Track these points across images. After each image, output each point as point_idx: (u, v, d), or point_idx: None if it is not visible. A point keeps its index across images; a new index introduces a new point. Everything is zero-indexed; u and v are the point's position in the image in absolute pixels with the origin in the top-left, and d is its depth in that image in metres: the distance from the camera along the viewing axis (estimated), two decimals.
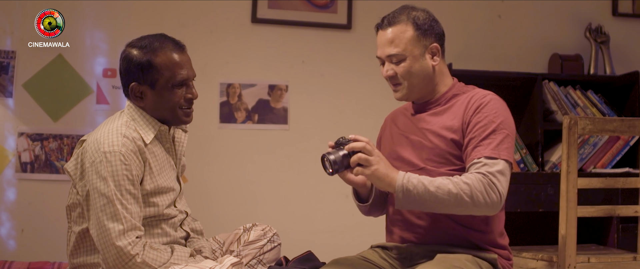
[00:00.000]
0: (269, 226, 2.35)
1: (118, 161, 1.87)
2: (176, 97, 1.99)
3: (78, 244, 2.01)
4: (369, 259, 2.07)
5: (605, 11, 3.93)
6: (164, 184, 2.01)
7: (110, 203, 1.85)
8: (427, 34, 2.03)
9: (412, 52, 2.01)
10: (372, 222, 2.53)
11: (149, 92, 1.98)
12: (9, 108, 3.37)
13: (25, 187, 3.37)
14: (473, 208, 1.86)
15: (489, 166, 1.87)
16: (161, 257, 1.90)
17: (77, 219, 2.01)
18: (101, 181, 1.86)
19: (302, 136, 3.63)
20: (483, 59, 3.77)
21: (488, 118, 1.95)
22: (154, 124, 2.01)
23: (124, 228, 1.84)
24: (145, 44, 1.98)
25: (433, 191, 1.84)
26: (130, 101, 2.03)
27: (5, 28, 3.38)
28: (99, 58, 3.45)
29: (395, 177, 1.86)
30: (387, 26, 2.04)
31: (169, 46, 1.99)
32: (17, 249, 3.35)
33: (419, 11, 2.05)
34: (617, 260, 2.53)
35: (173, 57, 1.97)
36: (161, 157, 2.03)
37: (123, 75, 2.01)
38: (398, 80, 2.04)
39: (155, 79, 1.96)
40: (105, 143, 1.89)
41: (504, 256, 2.04)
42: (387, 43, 2.03)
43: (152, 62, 1.95)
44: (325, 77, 3.67)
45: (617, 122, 2.28)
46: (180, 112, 2.02)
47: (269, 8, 3.60)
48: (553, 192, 3.30)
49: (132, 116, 2.00)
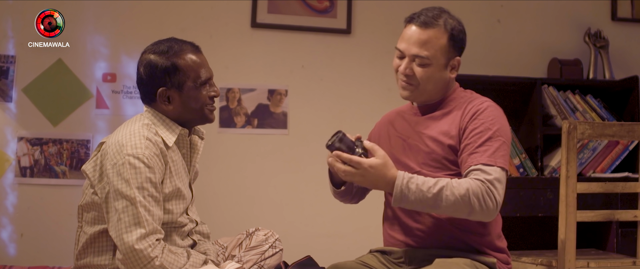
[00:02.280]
0: (271, 231, 2.35)
1: (141, 164, 1.88)
2: (203, 96, 2.04)
3: (87, 245, 2.00)
4: (368, 263, 2.08)
5: (605, 16, 3.94)
6: (179, 187, 2.03)
7: (133, 206, 1.84)
8: (456, 47, 2.03)
9: (439, 61, 2.00)
10: (371, 227, 2.53)
11: (177, 96, 2.01)
12: (9, 113, 3.37)
13: (24, 192, 3.37)
14: (469, 213, 1.86)
15: (486, 173, 1.88)
16: (178, 261, 1.90)
17: (91, 221, 2.00)
18: (124, 183, 1.86)
19: (302, 140, 3.63)
20: (482, 64, 3.77)
21: (484, 125, 1.95)
22: (175, 128, 2.03)
23: (146, 232, 1.84)
24: (165, 49, 2.01)
25: (430, 197, 1.84)
26: (155, 105, 2.04)
27: (6, 32, 3.38)
28: (98, 62, 3.46)
29: (389, 183, 1.86)
30: (424, 26, 1.99)
31: (188, 48, 2.03)
32: (17, 254, 3.34)
33: (454, 20, 2.03)
34: (616, 265, 2.53)
35: (194, 58, 2.02)
36: (178, 161, 2.05)
37: (145, 82, 2.02)
38: (412, 81, 2.03)
39: (182, 81, 2.00)
40: (128, 145, 1.90)
41: (503, 260, 2.04)
42: (419, 43, 1.99)
43: (177, 65, 1.99)
44: (325, 82, 3.67)
45: (617, 127, 2.28)
46: (206, 110, 2.06)
47: (269, 13, 3.61)
48: (552, 197, 3.30)
49: (152, 120, 2.02)
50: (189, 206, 2.13)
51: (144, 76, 2.02)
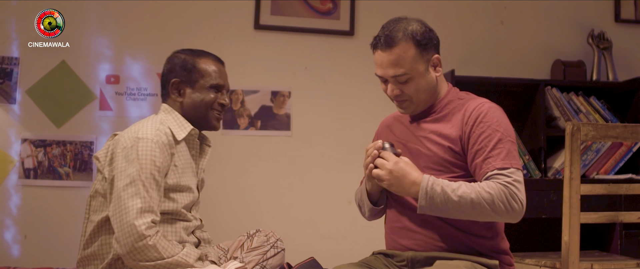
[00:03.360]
0: (272, 232, 2.36)
1: (147, 147, 1.99)
2: (211, 98, 2.17)
3: (94, 233, 2.06)
4: (371, 265, 2.07)
5: (608, 17, 3.93)
6: (185, 184, 2.11)
7: (133, 183, 1.93)
8: (428, 47, 2.02)
9: (418, 70, 2.00)
10: (374, 228, 2.53)
11: (188, 90, 2.16)
12: (12, 114, 3.38)
13: (28, 194, 3.37)
14: (495, 216, 1.90)
15: (506, 176, 1.90)
16: (171, 249, 1.95)
17: (98, 208, 2.08)
18: (128, 163, 1.97)
19: (305, 142, 3.63)
20: (486, 66, 3.77)
21: (491, 128, 1.95)
22: (186, 126, 2.14)
23: (142, 207, 1.91)
24: (191, 51, 2.21)
25: (456, 201, 1.87)
26: (168, 98, 2.19)
27: (10, 34, 3.39)
28: (102, 64, 3.46)
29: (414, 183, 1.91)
30: (387, 47, 2.00)
31: (212, 57, 2.22)
32: (21, 255, 3.35)
33: (413, 24, 2.01)
34: (620, 267, 2.52)
35: (214, 65, 2.19)
36: (186, 159, 2.14)
37: (165, 74, 2.19)
38: (404, 98, 2.04)
39: (195, 79, 2.16)
40: (140, 131, 2.03)
41: (506, 261, 2.03)
42: (390, 65, 2.00)
43: (196, 65, 2.17)
44: (328, 83, 3.67)
45: (620, 129, 2.28)
46: (212, 114, 2.19)
47: (272, 14, 3.61)
48: (556, 199, 3.29)
49: (166, 116, 2.15)
50: (194, 205, 2.19)
51: (165, 69, 2.20)
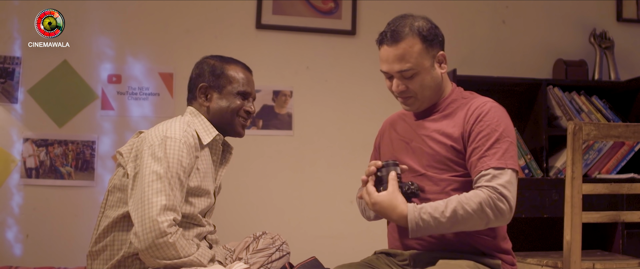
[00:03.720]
0: (278, 235, 2.37)
1: (176, 147, 1.98)
2: (237, 104, 2.18)
3: (109, 228, 2.05)
4: (373, 265, 2.07)
5: (610, 17, 3.93)
6: (205, 188, 2.11)
7: (159, 180, 1.92)
8: (433, 43, 2.03)
9: (423, 65, 2.01)
10: (375, 228, 2.53)
11: (215, 96, 2.18)
12: (14, 114, 3.38)
13: (30, 193, 3.38)
14: (488, 223, 1.90)
15: (498, 178, 1.89)
16: (188, 249, 1.95)
17: (115, 203, 2.07)
18: (155, 160, 1.96)
19: (307, 141, 3.63)
20: (487, 65, 3.77)
21: (490, 127, 1.95)
22: (212, 130, 2.15)
23: (167, 205, 1.90)
24: (222, 58, 2.23)
25: (446, 223, 1.88)
26: (195, 102, 2.20)
27: (11, 34, 3.40)
28: (103, 64, 3.46)
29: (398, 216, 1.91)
30: (393, 42, 2.01)
31: (242, 65, 2.24)
32: (22, 255, 3.35)
33: (419, 20, 2.03)
34: (622, 266, 2.52)
35: (243, 72, 2.22)
36: (208, 163, 2.15)
37: (194, 78, 2.21)
38: (409, 94, 2.04)
39: (223, 85, 2.18)
40: (168, 130, 2.03)
41: (508, 261, 2.03)
42: (396, 60, 2.00)
43: (224, 71, 2.19)
44: (330, 83, 3.67)
45: (622, 128, 2.28)
46: (237, 121, 2.21)
47: (274, 14, 3.61)
48: (558, 198, 3.29)
49: (192, 119, 2.15)
50: (209, 211, 2.21)
51: (193, 73, 2.23)
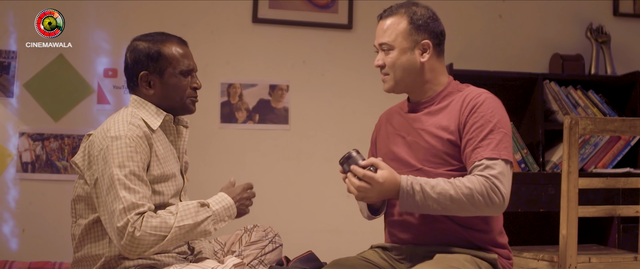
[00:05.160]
0: (270, 227, 2.36)
1: (123, 145, 1.92)
2: (183, 85, 2.10)
3: (83, 237, 2.02)
4: (370, 259, 2.08)
5: (606, 11, 3.93)
6: (170, 172, 2.05)
7: (112, 186, 1.87)
8: (420, 29, 2.04)
9: (401, 44, 2.04)
10: (372, 223, 2.53)
11: (158, 81, 2.08)
12: (10, 108, 3.37)
13: (26, 187, 3.37)
14: (476, 211, 1.89)
15: (491, 168, 1.88)
16: (165, 223, 1.88)
17: (83, 212, 2.03)
18: (106, 165, 1.90)
19: (303, 136, 3.63)
20: (484, 59, 3.77)
21: (485, 118, 1.95)
22: (159, 113, 2.08)
23: (125, 207, 1.84)
24: (151, 37, 2.11)
25: (435, 198, 1.86)
26: (138, 90, 2.10)
27: (7, 28, 3.38)
28: (100, 58, 3.45)
29: (395, 188, 1.88)
30: (385, 17, 2.08)
31: (175, 40, 2.12)
32: (18, 249, 3.35)
33: (419, 7, 2.08)
34: (618, 260, 2.53)
35: (179, 48, 2.10)
36: (165, 145, 2.08)
37: (131, 66, 2.10)
38: (386, 71, 2.08)
39: (164, 67, 2.07)
40: (112, 130, 1.96)
41: (504, 255, 2.04)
42: (381, 32, 2.07)
43: (161, 52, 2.07)
44: (326, 77, 3.67)
45: (618, 122, 2.28)
46: (188, 101, 2.12)
47: (270, 8, 3.61)
48: (554, 193, 3.30)
49: (136, 107, 2.08)
50: (181, 193, 2.14)
51: (129, 60, 2.11)
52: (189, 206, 1.95)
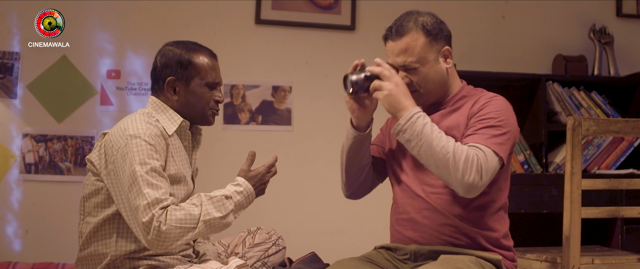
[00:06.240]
0: (273, 229, 2.36)
1: (143, 143, 1.93)
2: (207, 96, 2.13)
3: (92, 234, 2.02)
4: (373, 260, 2.07)
5: (610, 12, 3.93)
6: (183, 173, 2.07)
7: (135, 182, 1.88)
8: (438, 38, 2.03)
9: (427, 59, 2.01)
10: (376, 224, 2.53)
11: (183, 89, 2.10)
12: (13, 109, 3.38)
13: (29, 189, 3.37)
14: (449, 176, 1.85)
15: (480, 150, 1.87)
16: (190, 214, 1.90)
17: (92, 210, 2.03)
18: (126, 163, 1.91)
19: (306, 137, 3.63)
20: (487, 60, 3.77)
21: (488, 115, 1.96)
22: (176, 118, 2.09)
23: (148, 203, 1.86)
24: (185, 44, 2.14)
25: (427, 135, 1.87)
26: (161, 94, 2.12)
27: (11, 29, 3.39)
28: (103, 59, 3.46)
29: (407, 107, 1.91)
30: (397, 37, 2.02)
31: (206, 52, 2.16)
32: (22, 250, 3.35)
33: (425, 16, 2.04)
34: (621, 261, 2.52)
35: (209, 61, 2.14)
36: (180, 150, 2.10)
37: (159, 69, 2.12)
38: (414, 87, 2.03)
39: (192, 76, 2.10)
40: (130, 128, 1.97)
41: (509, 257, 2.04)
42: (400, 53, 2.02)
43: (191, 61, 2.10)
44: (329, 78, 3.67)
45: (621, 123, 2.28)
46: (209, 112, 2.15)
47: (273, 9, 3.61)
48: (557, 194, 3.30)
49: (155, 108, 2.10)
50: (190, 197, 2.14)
51: (158, 63, 2.12)
52: (214, 199, 1.97)
